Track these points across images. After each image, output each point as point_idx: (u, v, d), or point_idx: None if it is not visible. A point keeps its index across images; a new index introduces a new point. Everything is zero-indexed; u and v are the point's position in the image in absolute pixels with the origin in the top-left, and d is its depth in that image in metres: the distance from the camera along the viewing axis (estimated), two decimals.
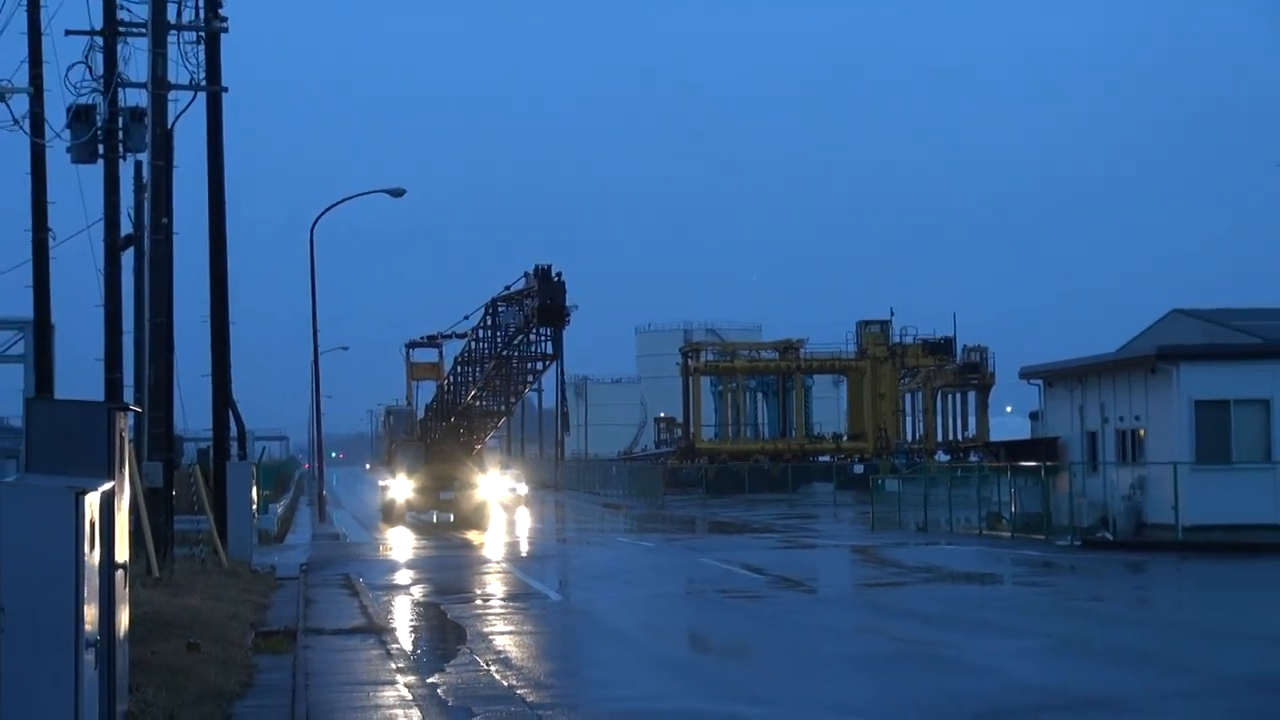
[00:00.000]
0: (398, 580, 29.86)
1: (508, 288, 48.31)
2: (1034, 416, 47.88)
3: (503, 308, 48.94)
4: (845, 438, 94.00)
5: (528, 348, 48.91)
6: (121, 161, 28.46)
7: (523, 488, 74.12)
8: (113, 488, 10.25)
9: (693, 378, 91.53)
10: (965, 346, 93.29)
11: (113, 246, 28.88)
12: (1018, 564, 32.07)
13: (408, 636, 20.34)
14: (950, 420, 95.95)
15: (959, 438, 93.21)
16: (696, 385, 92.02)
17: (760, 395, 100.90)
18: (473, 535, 45.74)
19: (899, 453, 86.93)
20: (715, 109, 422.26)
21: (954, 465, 69.09)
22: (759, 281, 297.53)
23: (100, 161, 28.18)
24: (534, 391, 61.70)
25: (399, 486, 54.26)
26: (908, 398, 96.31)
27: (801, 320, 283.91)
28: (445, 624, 21.91)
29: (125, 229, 29.29)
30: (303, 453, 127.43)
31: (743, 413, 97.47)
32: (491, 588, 28.29)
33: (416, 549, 40.05)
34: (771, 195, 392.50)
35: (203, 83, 27.11)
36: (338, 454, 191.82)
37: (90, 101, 27.46)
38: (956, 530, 41.86)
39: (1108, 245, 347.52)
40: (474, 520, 51.82)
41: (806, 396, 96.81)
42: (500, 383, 52.30)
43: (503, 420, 58.99)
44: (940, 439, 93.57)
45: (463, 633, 20.45)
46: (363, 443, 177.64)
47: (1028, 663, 17.08)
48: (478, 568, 33.10)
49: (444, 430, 55.25)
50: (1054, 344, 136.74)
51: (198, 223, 30.70)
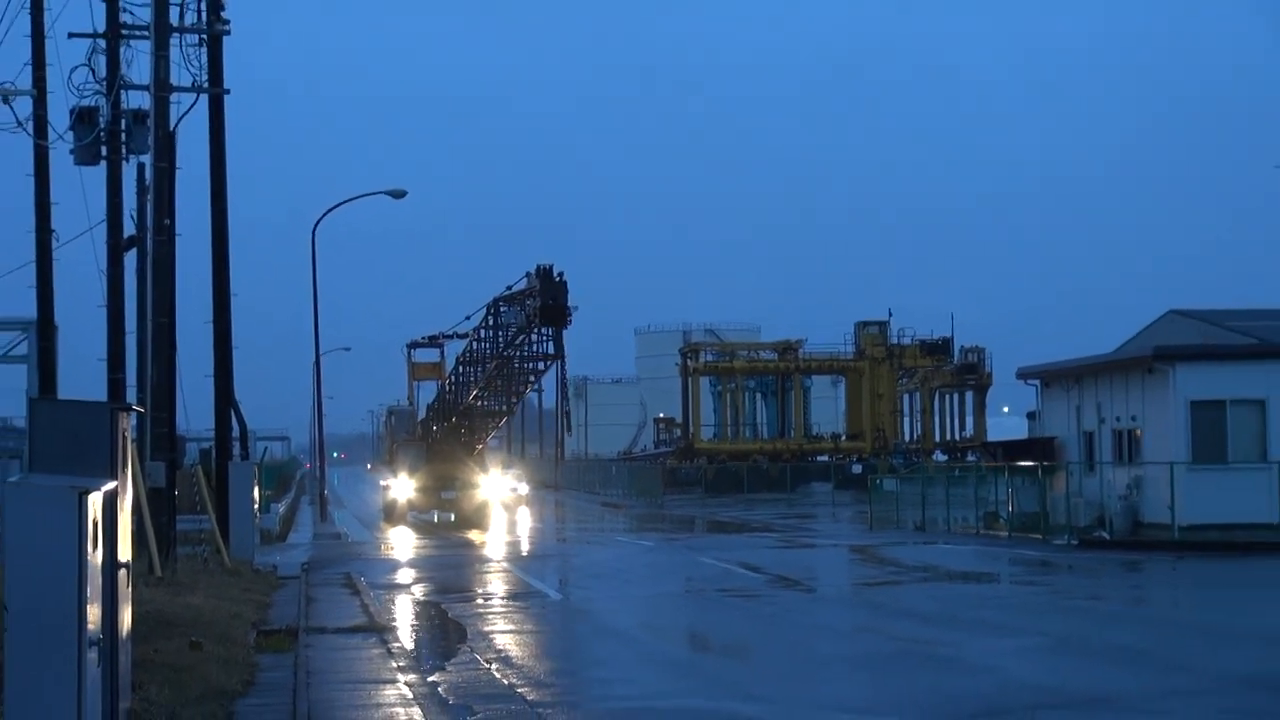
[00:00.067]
0: (399, 579, 29.92)
1: (509, 288, 48.29)
2: (1031, 417, 48.00)
3: (504, 308, 48.92)
4: (843, 438, 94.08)
5: (529, 348, 48.86)
6: (124, 163, 28.55)
7: (524, 487, 74.08)
8: (116, 488, 10.24)
9: (692, 378, 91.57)
10: (963, 347, 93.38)
11: (115, 247, 28.95)
12: (1015, 563, 32.12)
13: (409, 635, 20.37)
14: (948, 420, 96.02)
15: (956, 438, 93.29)
16: (696, 385, 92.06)
17: (759, 395, 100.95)
18: (474, 535, 45.77)
19: (897, 453, 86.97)
20: (715, 109, 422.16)
21: (952, 465, 69.16)
22: (757, 281, 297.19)
23: (103, 163, 28.28)
24: (534, 392, 61.74)
25: (400, 486, 54.27)
26: (906, 398, 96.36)
27: (800, 321, 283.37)
28: (446, 623, 21.94)
29: (128, 230, 29.33)
30: (304, 453, 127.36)
31: (741, 413, 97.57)
32: (492, 587, 28.34)
33: (418, 548, 40.13)
34: (771, 195, 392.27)
35: (205, 85, 27.16)
36: (339, 454, 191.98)
37: (93, 104, 27.60)
38: (954, 530, 41.91)
39: (1106, 246, 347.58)
40: (475, 520, 51.82)
41: (805, 397, 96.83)
42: (502, 383, 52.30)
43: (504, 420, 59.00)
44: (938, 439, 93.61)
45: (464, 631, 20.46)
46: (364, 443, 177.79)
47: (1025, 661, 17.11)
48: (478, 567, 33.15)
49: (445, 430, 55.30)
50: (1051, 344, 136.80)
51: (200, 224, 30.81)
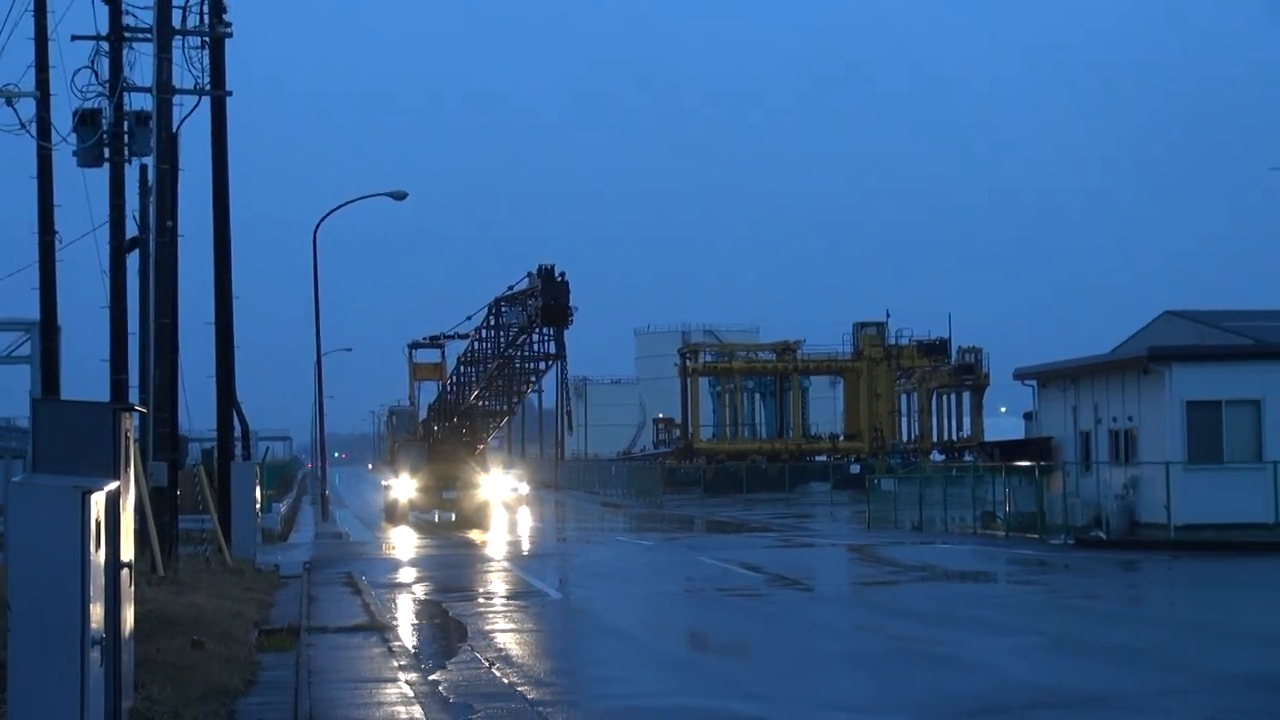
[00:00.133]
0: (400, 578, 29.99)
1: (511, 288, 48.33)
2: (1028, 417, 48.16)
3: (506, 308, 48.94)
4: (842, 438, 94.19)
5: (531, 348, 48.91)
6: (127, 165, 28.49)
7: (524, 487, 74.15)
8: (118, 487, 10.25)
9: (691, 379, 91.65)
10: (960, 348, 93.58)
11: (118, 249, 28.98)
12: (1012, 563, 32.19)
13: (410, 634, 20.40)
14: (945, 420, 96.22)
15: (954, 438, 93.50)
16: (695, 386, 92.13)
17: (758, 396, 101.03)
18: (475, 534, 45.83)
19: (895, 453, 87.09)
20: (715, 108, 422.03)
21: (949, 465, 69.25)
22: (756, 281, 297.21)
23: (106, 165, 28.27)
24: (535, 392, 61.82)
25: (402, 486, 54.32)
26: (903, 398, 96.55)
27: (799, 322, 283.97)
28: (447, 622, 21.97)
29: (131, 231, 29.31)
30: (306, 453, 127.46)
31: (740, 413, 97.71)
32: (493, 586, 28.42)
33: (419, 548, 40.23)
34: (771, 196, 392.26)
35: (207, 87, 27.28)
36: (340, 454, 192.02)
37: (96, 106, 27.62)
38: (951, 529, 42.01)
39: (1103, 246, 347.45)
40: (476, 519, 51.89)
41: (803, 397, 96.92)
42: (503, 383, 52.34)
43: (505, 420, 59.03)
44: (935, 439, 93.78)
45: (464, 630, 20.50)
46: (365, 443, 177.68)
47: (1022, 660, 17.14)
48: (479, 566, 33.23)
49: (447, 430, 55.35)
50: (1049, 345, 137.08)
51: (202, 225, 30.89)
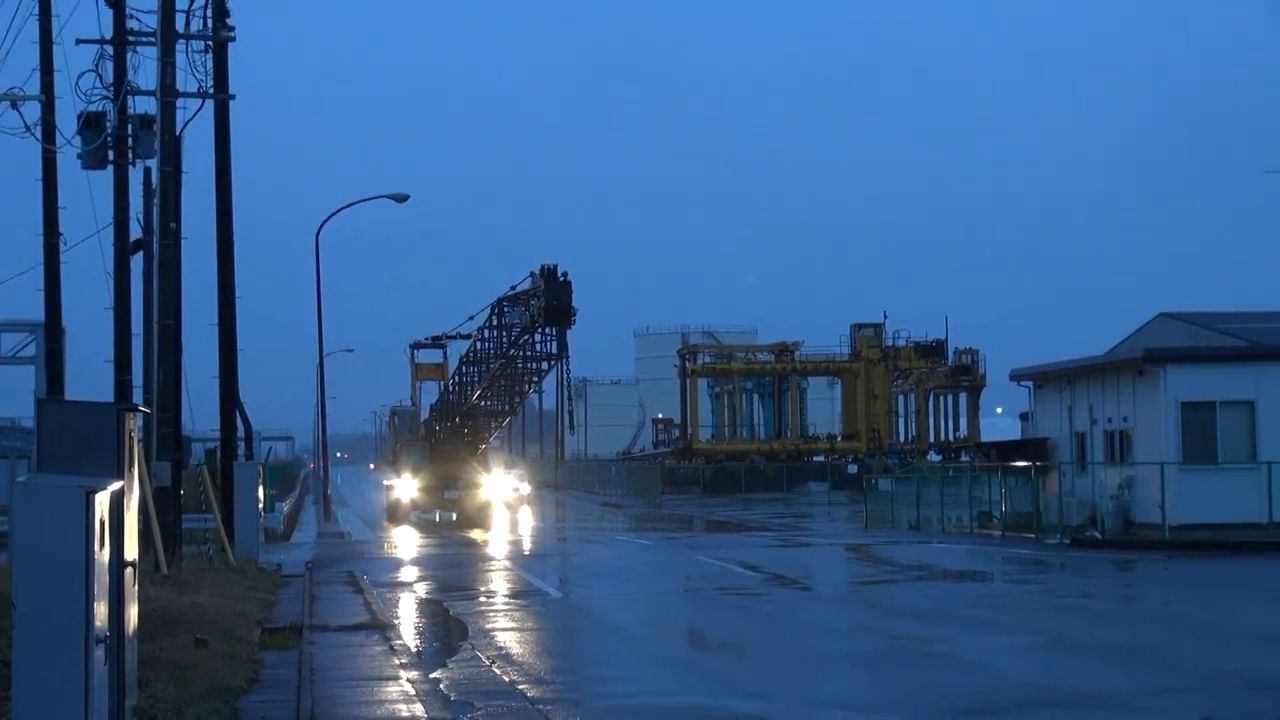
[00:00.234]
0: (402, 578, 30.08)
1: (513, 288, 48.39)
2: (1024, 417, 48.29)
3: (508, 308, 49.00)
4: (839, 438, 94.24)
5: (533, 347, 48.98)
6: (131, 167, 28.63)
7: (526, 487, 74.21)
8: (122, 487, 10.25)
9: (690, 379, 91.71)
10: (957, 349, 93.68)
11: (122, 250, 29.12)
12: (1008, 562, 32.26)
13: (411, 633, 20.48)
14: (942, 421, 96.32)
15: (951, 438, 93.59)
16: (694, 387, 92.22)
17: (756, 396, 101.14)
18: (476, 534, 45.88)
19: (892, 453, 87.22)
20: (715, 111, 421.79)
21: (946, 465, 69.25)
22: (755, 283, 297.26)
23: (110, 167, 28.41)
24: (536, 393, 61.89)
25: (404, 486, 54.40)
26: (900, 399, 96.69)
27: (797, 323, 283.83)
28: (448, 620, 22.04)
29: (135, 233, 29.46)
30: (308, 453, 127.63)
31: (739, 414, 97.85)
32: (494, 585, 28.51)
33: (420, 547, 40.33)
34: (770, 197, 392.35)
35: (210, 91, 27.44)
36: (343, 454, 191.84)
37: (100, 109, 27.78)
38: (948, 529, 42.11)
39: (1105, 250, 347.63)
40: (478, 519, 51.94)
41: (801, 398, 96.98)
42: (505, 383, 52.42)
43: (507, 420, 59.02)
44: (932, 439, 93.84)
45: (465, 629, 20.58)
46: (367, 443, 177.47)
47: (1018, 659, 17.21)
48: (480, 565, 33.32)
49: (448, 430, 55.45)
50: (1045, 346, 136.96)
51: (205, 227, 31.01)
